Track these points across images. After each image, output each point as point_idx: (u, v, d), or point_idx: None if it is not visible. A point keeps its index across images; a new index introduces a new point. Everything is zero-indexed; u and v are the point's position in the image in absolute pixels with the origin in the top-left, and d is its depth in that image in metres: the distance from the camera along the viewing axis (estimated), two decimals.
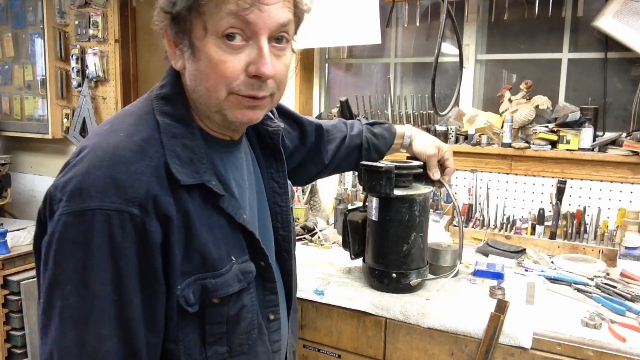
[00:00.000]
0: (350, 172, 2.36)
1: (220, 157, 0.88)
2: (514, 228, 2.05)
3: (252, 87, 0.79)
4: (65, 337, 0.72)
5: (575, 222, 1.93)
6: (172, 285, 0.79)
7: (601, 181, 1.96)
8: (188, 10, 0.76)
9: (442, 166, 1.46)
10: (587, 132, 1.93)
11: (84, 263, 0.71)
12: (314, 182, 2.41)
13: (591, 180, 1.97)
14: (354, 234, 1.59)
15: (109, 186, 0.72)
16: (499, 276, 1.62)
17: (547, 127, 2.01)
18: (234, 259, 0.85)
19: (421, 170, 1.46)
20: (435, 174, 1.44)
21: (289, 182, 1.08)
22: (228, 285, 0.83)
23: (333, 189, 2.37)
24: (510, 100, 2.11)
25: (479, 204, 2.15)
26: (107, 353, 0.73)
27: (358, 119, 1.47)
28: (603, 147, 1.96)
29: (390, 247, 1.47)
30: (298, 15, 0.83)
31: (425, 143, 1.44)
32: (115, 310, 0.73)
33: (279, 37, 0.79)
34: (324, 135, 1.35)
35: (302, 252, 1.93)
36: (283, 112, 1.22)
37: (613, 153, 1.91)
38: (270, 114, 1.04)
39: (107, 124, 0.83)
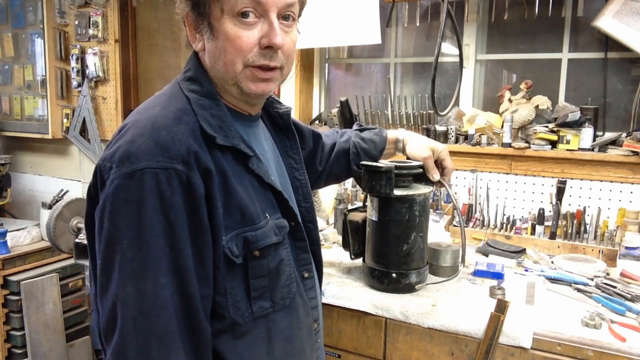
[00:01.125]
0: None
1: (243, 128, 0.97)
2: (514, 228, 2.05)
3: (265, 57, 0.89)
4: (125, 288, 0.78)
5: (575, 222, 1.93)
6: (217, 237, 0.85)
7: (601, 181, 1.95)
8: None
9: (440, 166, 1.47)
10: (587, 132, 1.93)
11: (138, 218, 0.78)
12: None
13: (591, 180, 1.97)
14: (354, 234, 1.59)
15: (154, 148, 0.80)
16: (499, 276, 1.62)
17: (547, 127, 2.01)
18: (268, 216, 0.93)
19: (421, 170, 1.46)
20: (435, 176, 1.45)
21: None
22: (267, 236, 0.91)
23: (333, 189, 2.37)
24: (510, 100, 2.11)
25: (479, 204, 2.15)
26: (166, 300, 0.79)
27: (353, 125, 1.54)
28: (603, 147, 1.96)
29: (390, 247, 1.47)
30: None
31: (418, 146, 1.45)
32: (169, 260, 0.79)
33: (285, 16, 0.90)
34: (320, 143, 1.43)
35: None
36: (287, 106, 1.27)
37: (613, 153, 1.91)
38: (278, 99, 1.16)
39: (142, 105, 0.93)
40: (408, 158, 1.50)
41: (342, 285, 1.58)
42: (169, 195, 0.79)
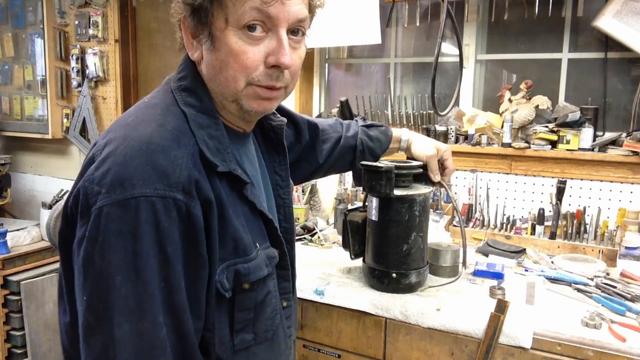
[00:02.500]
0: (350, 172, 2.36)
1: (236, 148, 0.90)
2: (514, 228, 2.05)
3: (271, 77, 0.82)
4: (120, 329, 0.70)
5: (575, 222, 1.93)
6: (212, 270, 0.80)
7: (601, 181, 1.95)
8: (210, 2, 0.79)
9: (441, 166, 1.47)
10: (587, 132, 1.93)
11: (133, 252, 0.70)
12: (314, 182, 2.41)
13: (591, 180, 1.97)
14: (354, 234, 1.59)
15: (151, 173, 0.72)
16: (499, 276, 1.62)
17: (547, 127, 2.01)
18: (258, 245, 0.88)
19: (421, 170, 1.46)
20: (437, 176, 1.45)
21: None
22: (259, 269, 0.86)
23: (333, 189, 2.37)
24: (510, 100, 2.11)
25: (479, 204, 2.15)
26: (163, 340, 0.73)
27: (356, 120, 1.48)
28: (603, 147, 1.96)
29: (390, 247, 1.47)
30: (312, 11, 0.88)
31: (424, 145, 1.45)
32: (165, 297, 0.73)
33: (295, 30, 0.83)
34: (319, 135, 1.36)
35: (302, 252, 1.93)
36: (279, 110, 1.23)
37: (613, 153, 1.91)
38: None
39: (130, 116, 0.83)
40: (408, 158, 1.50)
41: (342, 285, 1.57)
42: (166, 227, 0.72)
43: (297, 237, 2.07)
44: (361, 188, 1.54)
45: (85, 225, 0.72)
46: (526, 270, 1.71)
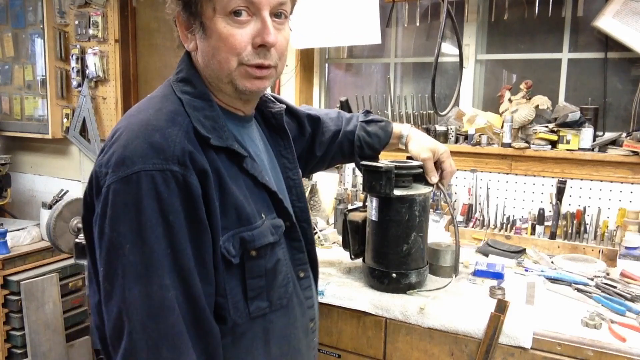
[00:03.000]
0: (351, 172, 2.36)
1: (237, 129, 0.97)
2: (514, 228, 2.05)
3: (259, 56, 0.89)
4: (130, 292, 0.78)
5: (575, 222, 1.93)
6: (215, 237, 0.85)
7: (601, 181, 1.95)
8: None
9: (440, 168, 1.44)
10: (587, 132, 1.93)
11: (138, 221, 0.78)
12: (314, 182, 2.41)
13: (591, 180, 1.97)
14: (354, 234, 1.59)
15: (148, 150, 0.80)
16: (499, 276, 1.62)
17: (547, 127, 2.01)
18: (263, 216, 0.93)
19: (421, 170, 1.45)
20: (433, 178, 1.42)
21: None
22: (263, 236, 0.91)
23: (333, 189, 2.37)
24: (510, 100, 2.11)
25: (479, 204, 2.15)
26: (171, 301, 0.79)
27: (361, 112, 1.48)
28: (603, 147, 1.96)
29: (390, 247, 1.47)
30: None
31: (419, 146, 1.42)
32: (171, 262, 0.79)
33: (278, 13, 0.91)
34: (320, 127, 1.38)
35: None
36: (280, 101, 1.25)
37: (613, 153, 1.91)
38: (272, 97, 1.16)
39: (134, 108, 0.92)
40: (409, 156, 1.49)
41: (342, 285, 1.57)
42: (166, 197, 0.79)
43: None
44: (361, 188, 1.54)
45: (99, 203, 0.81)
46: (526, 270, 1.71)
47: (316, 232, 2.09)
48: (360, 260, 1.62)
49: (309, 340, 1.07)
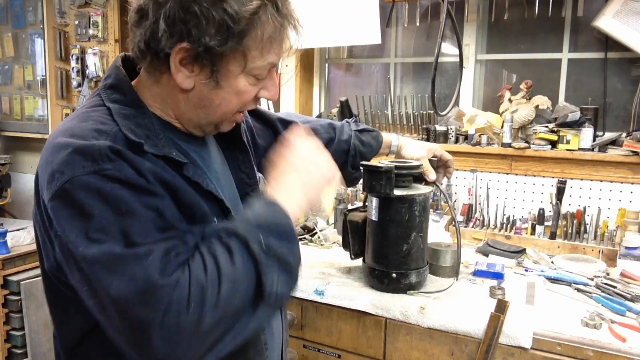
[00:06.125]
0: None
1: (180, 142, 0.92)
2: (514, 228, 2.05)
3: (255, 103, 0.93)
4: (115, 287, 0.72)
5: (575, 222, 1.93)
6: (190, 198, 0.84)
7: (601, 181, 1.95)
8: (231, 51, 0.82)
9: (441, 160, 1.55)
10: (587, 132, 1.93)
11: (86, 228, 0.73)
12: None
13: (591, 180, 1.97)
14: (354, 234, 1.59)
15: (75, 157, 0.75)
16: (499, 276, 1.62)
17: (547, 127, 2.01)
18: (215, 220, 0.88)
19: (421, 170, 1.46)
20: (431, 176, 1.50)
21: (260, 174, 1.14)
22: None
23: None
24: (510, 100, 2.11)
25: (479, 204, 2.15)
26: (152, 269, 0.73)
27: (347, 122, 1.50)
28: (603, 147, 1.96)
29: (390, 247, 1.47)
30: None
31: (412, 149, 1.53)
32: (142, 254, 0.74)
33: None
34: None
35: (302, 252, 1.92)
36: (254, 112, 1.26)
37: (613, 153, 1.91)
38: None
39: (61, 123, 0.88)
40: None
41: (342, 285, 1.57)
42: (109, 192, 0.74)
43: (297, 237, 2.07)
44: (361, 188, 1.54)
45: (49, 224, 0.78)
46: (526, 270, 1.71)
47: (316, 232, 2.09)
48: (360, 260, 1.62)
49: None
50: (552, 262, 1.77)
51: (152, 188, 0.78)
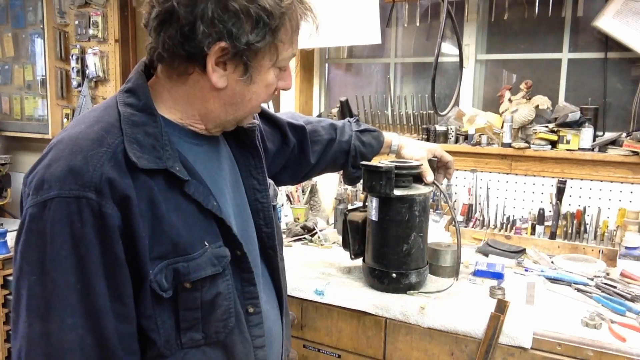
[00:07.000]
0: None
1: (189, 147, 0.90)
2: (514, 228, 2.05)
3: (272, 95, 0.93)
4: (31, 328, 0.73)
5: (575, 222, 1.93)
6: (143, 270, 0.79)
7: (601, 181, 1.95)
8: (268, 46, 0.84)
9: (441, 161, 1.54)
10: (587, 132, 1.93)
11: (44, 252, 0.73)
12: (314, 182, 2.41)
13: (591, 180, 1.97)
14: (354, 234, 1.59)
15: (67, 174, 0.74)
16: (499, 276, 1.62)
17: (547, 127, 2.01)
18: (207, 244, 0.85)
19: (421, 170, 1.46)
20: (428, 177, 1.49)
21: (271, 181, 1.12)
22: (200, 268, 0.83)
23: (333, 189, 2.37)
24: (510, 100, 2.11)
25: (479, 204, 2.15)
26: (73, 342, 0.73)
27: (349, 121, 1.49)
28: (603, 147, 1.96)
29: (390, 247, 1.47)
30: None
31: (412, 149, 1.52)
32: (80, 299, 0.74)
33: None
34: (307, 136, 1.36)
35: (302, 252, 1.93)
36: (264, 115, 1.24)
37: (613, 153, 1.91)
38: None
39: (74, 120, 0.87)
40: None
41: (342, 285, 1.58)
42: (79, 227, 0.73)
43: (297, 237, 2.07)
44: (361, 188, 1.54)
45: (19, 226, 0.78)
46: (526, 270, 1.71)
47: (316, 232, 2.09)
48: (360, 260, 1.62)
49: None
50: (552, 262, 1.77)
51: (117, 250, 0.77)
